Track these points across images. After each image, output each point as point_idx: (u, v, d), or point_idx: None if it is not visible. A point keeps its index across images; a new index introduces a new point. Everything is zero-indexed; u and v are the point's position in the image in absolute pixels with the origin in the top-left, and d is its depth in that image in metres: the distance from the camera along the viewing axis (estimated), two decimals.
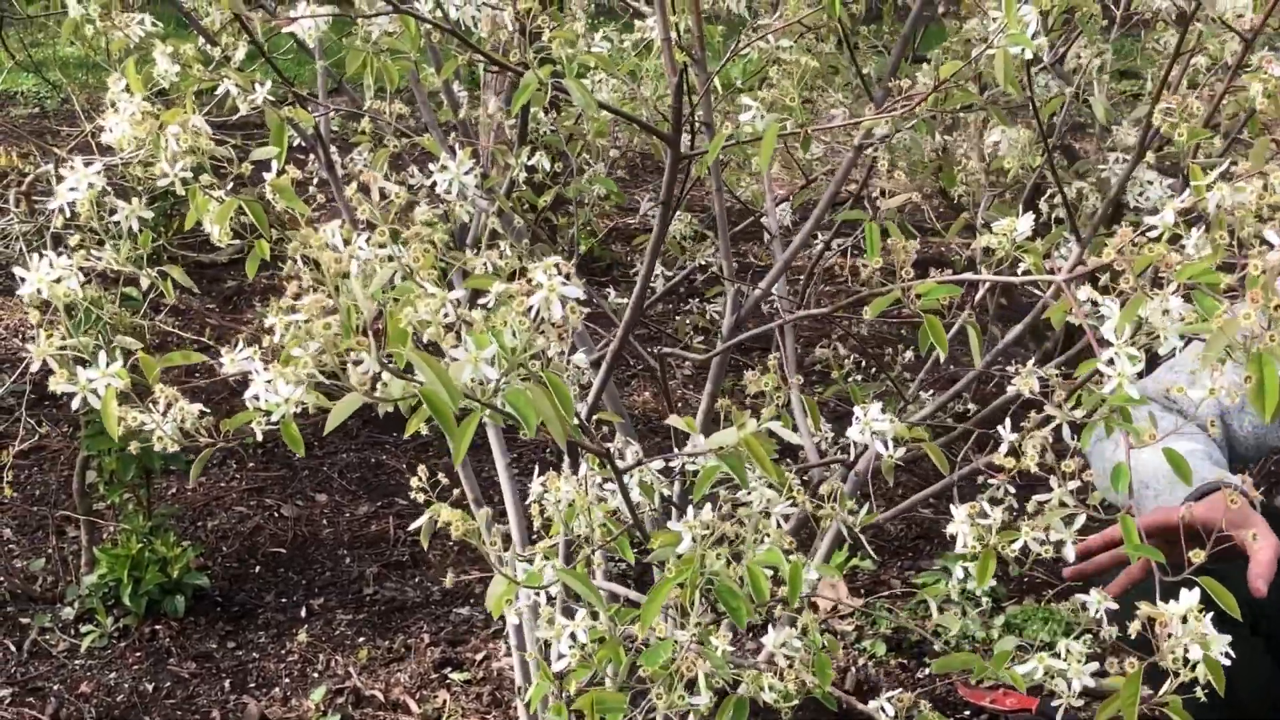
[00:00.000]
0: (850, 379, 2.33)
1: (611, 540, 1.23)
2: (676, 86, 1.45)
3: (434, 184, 1.71)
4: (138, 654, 2.93)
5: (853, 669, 2.87)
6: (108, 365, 1.22)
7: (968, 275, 1.34)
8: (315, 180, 2.52)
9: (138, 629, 2.99)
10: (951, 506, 1.28)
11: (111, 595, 3.01)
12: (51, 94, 7.77)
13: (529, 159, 1.70)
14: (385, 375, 0.96)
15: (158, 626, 3.01)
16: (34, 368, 1.27)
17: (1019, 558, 1.27)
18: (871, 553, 3.09)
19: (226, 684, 2.86)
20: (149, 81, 1.55)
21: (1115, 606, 1.31)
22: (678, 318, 2.60)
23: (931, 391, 2.55)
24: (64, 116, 7.19)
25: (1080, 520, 1.27)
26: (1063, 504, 1.26)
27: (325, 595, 3.16)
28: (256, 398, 1.26)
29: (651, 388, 4.05)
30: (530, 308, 0.94)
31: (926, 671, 2.88)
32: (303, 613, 3.10)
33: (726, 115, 1.78)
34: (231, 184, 1.42)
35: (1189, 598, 1.20)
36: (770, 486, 1.18)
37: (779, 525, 1.18)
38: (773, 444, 1.12)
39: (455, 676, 2.84)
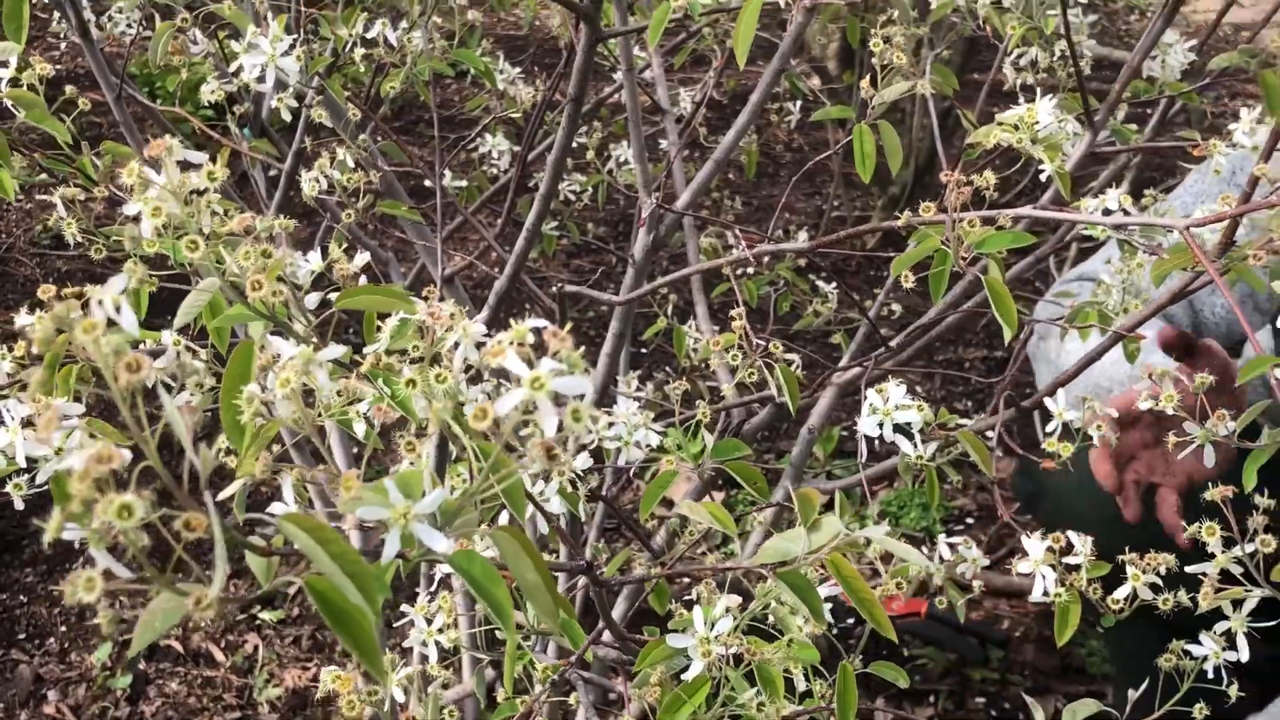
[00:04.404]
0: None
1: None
2: None
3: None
4: None
5: None
6: None
7: (1054, 213, 0.97)
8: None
9: None
10: (1024, 539, 0.93)
11: None
12: None
13: (364, 28, 1.26)
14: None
15: None
16: None
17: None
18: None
19: None
20: None
21: None
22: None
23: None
24: None
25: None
26: None
27: None
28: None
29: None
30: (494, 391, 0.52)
31: None
32: (76, 542, 2.61)
33: None
34: None
35: None
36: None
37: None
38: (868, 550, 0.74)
39: (266, 616, 2.43)
